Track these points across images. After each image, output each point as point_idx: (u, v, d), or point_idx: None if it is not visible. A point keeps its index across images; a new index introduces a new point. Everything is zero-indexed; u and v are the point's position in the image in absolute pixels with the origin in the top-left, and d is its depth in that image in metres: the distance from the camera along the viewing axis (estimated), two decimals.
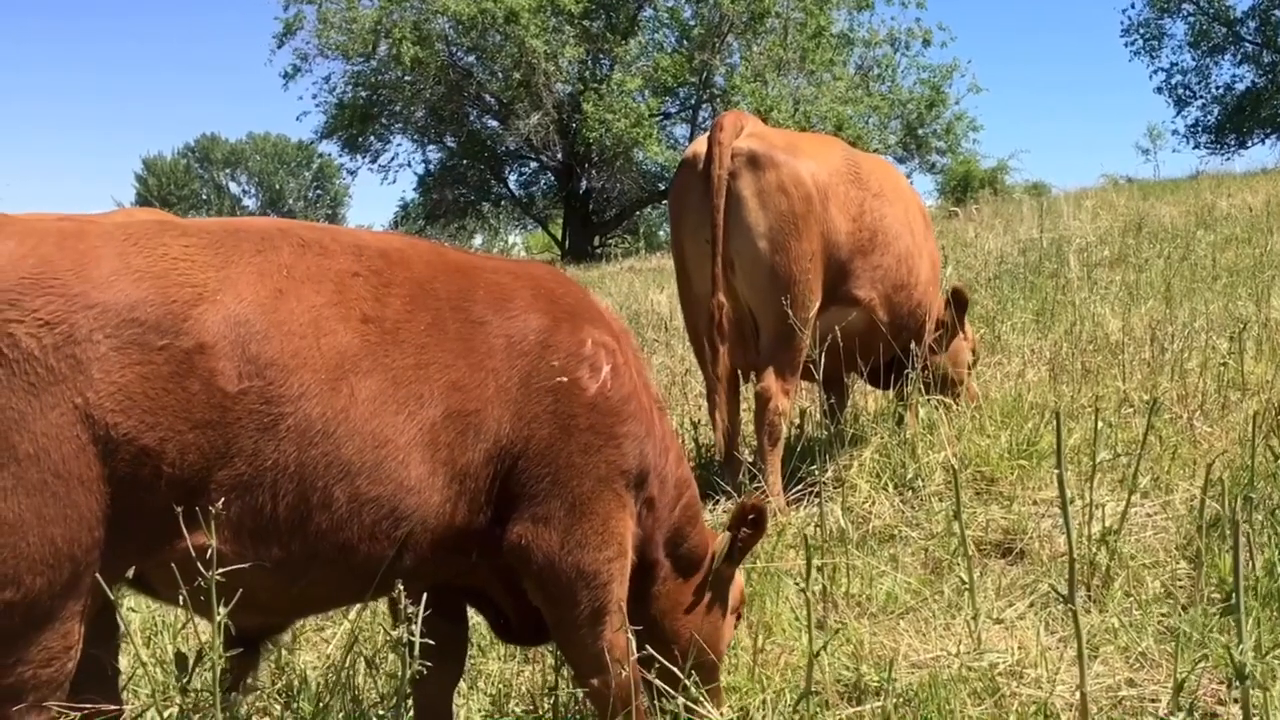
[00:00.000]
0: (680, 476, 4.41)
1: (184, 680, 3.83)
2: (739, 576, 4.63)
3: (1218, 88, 62.38)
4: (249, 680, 4.06)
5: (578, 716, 4.68)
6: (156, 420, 3.14)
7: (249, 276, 3.33)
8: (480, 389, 3.67)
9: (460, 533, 3.72)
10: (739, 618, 4.76)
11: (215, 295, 3.25)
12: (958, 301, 8.62)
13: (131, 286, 3.16)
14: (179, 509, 3.16)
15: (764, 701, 4.47)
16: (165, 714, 4.06)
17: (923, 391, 8.27)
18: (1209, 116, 62.46)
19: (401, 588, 3.45)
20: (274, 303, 3.33)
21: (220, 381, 3.21)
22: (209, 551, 3.21)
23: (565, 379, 3.81)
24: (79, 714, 3.23)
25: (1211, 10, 60.58)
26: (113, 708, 3.39)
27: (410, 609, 3.44)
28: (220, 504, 3.22)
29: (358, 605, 4.81)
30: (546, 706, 4.78)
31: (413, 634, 3.47)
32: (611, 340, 4.03)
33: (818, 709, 4.35)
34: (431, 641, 3.54)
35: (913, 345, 7.99)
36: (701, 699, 4.21)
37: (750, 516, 4.39)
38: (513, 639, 4.50)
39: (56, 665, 3.16)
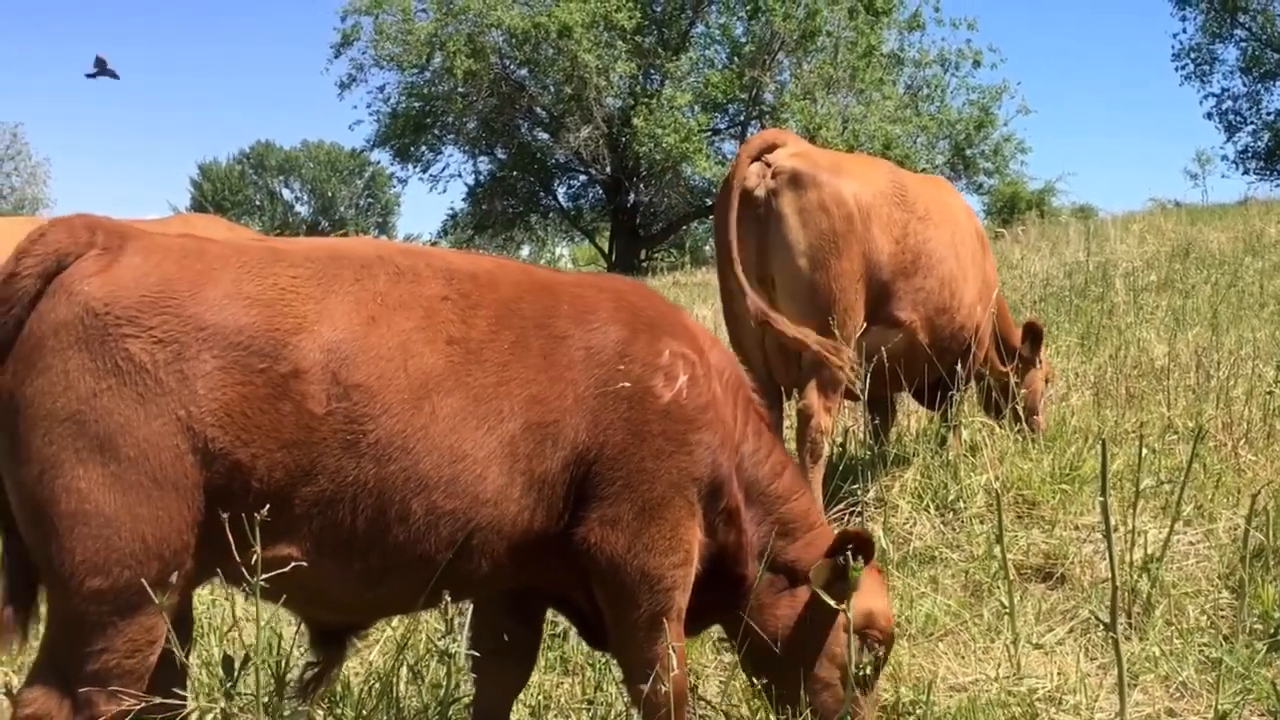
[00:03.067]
0: (778, 490, 4.42)
1: (229, 684, 3.90)
2: (874, 601, 4.46)
3: (1269, 114, 61.72)
4: (334, 673, 4.17)
5: None
6: (250, 437, 3.34)
7: (346, 306, 3.53)
8: (559, 400, 3.80)
9: (538, 539, 3.83)
10: (883, 644, 4.50)
11: (314, 325, 3.45)
12: (1033, 334, 8.66)
13: (241, 312, 3.38)
14: (263, 520, 3.30)
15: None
16: (209, 717, 4.12)
17: (1011, 420, 8.33)
18: (1259, 142, 61.80)
19: (449, 597, 3.54)
20: (365, 329, 3.52)
21: (310, 404, 3.40)
22: (288, 560, 3.44)
23: (631, 384, 3.90)
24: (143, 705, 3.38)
25: (1264, 36, 60.01)
26: (176, 703, 3.51)
27: (458, 619, 3.52)
28: (298, 517, 3.44)
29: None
30: (586, 719, 4.82)
31: (457, 644, 3.54)
32: (692, 352, 4.10)
33: None
34: (477, 653, 3.62)
35: (958, 367, 7.97)
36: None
37: (849, 546, 4.26)
38: (598, 644, 4.54)
39: (139, 657, 3.35)
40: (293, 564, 3.45)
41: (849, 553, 4.29)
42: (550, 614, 4.71)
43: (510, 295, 3.89)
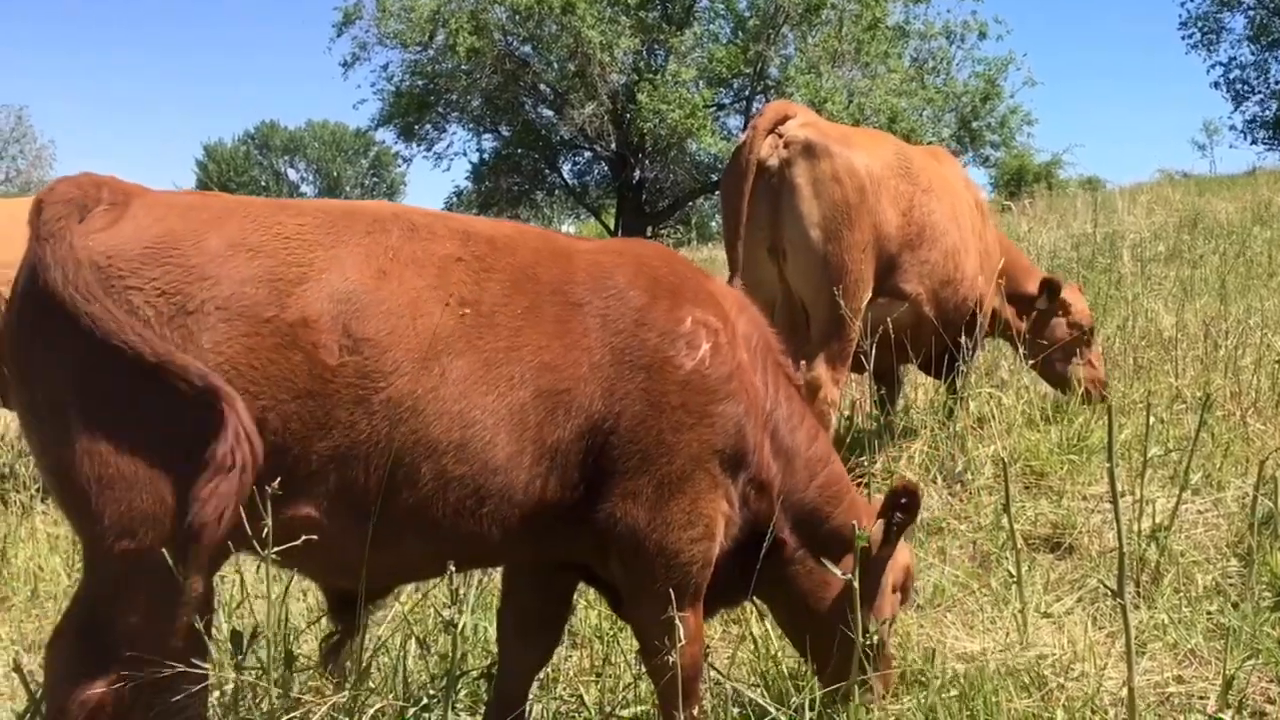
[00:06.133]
0: (812, 455, 4.38)
1: (239, 658, 3.91)
2: (904, 554, 4.58)
3: (1277, 82, 61.46)
4: (352, 643, 4.17)
5: (624, 702, 4.72)
6: (260, 390, 3.31)
7: (356, 257, 3.50)
8: (573, 368, 3.75)
9: (552, 509, 3.79)
10: (905, 595, 4.70)
11: (321, 274, 3.41)
12: (1049, 289, 8.80)
13: (245, 262, 3.34)
14: (280, 484, 3.31)
15: (811, 690, 4.47)
16: (219, 691, 4.13)
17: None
18: (1267, 112, 61.49)
19: (452, 567, 3.53)
20: (376, 283, 3.49)
21: (321, 354, 3.36)
22: (307, 520, 3.44)
23: (649, 353, 3.85)
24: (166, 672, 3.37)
25: (1272, 4, 59.63)
26: (199, 670, 3.48)
27: (462, 590, 3.51)
28: (315, 473, 3.42)
29: (410, 585, 4.87)
30: (594, 691, 4.82)
31: (461, 615, 3.53)
32: (716, 319, 4.03)
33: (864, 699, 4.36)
34: (484, 625, 3.60)
35: (963, 338, 7.97)
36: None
37: (902, 500, 4.33)
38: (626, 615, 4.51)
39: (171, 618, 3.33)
40: (311, 526, 3.43)
41: (903, 505, 4.34)
42: None
43: (528, 260, 3.84)
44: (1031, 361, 8.76)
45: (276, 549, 3.38)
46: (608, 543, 3.91)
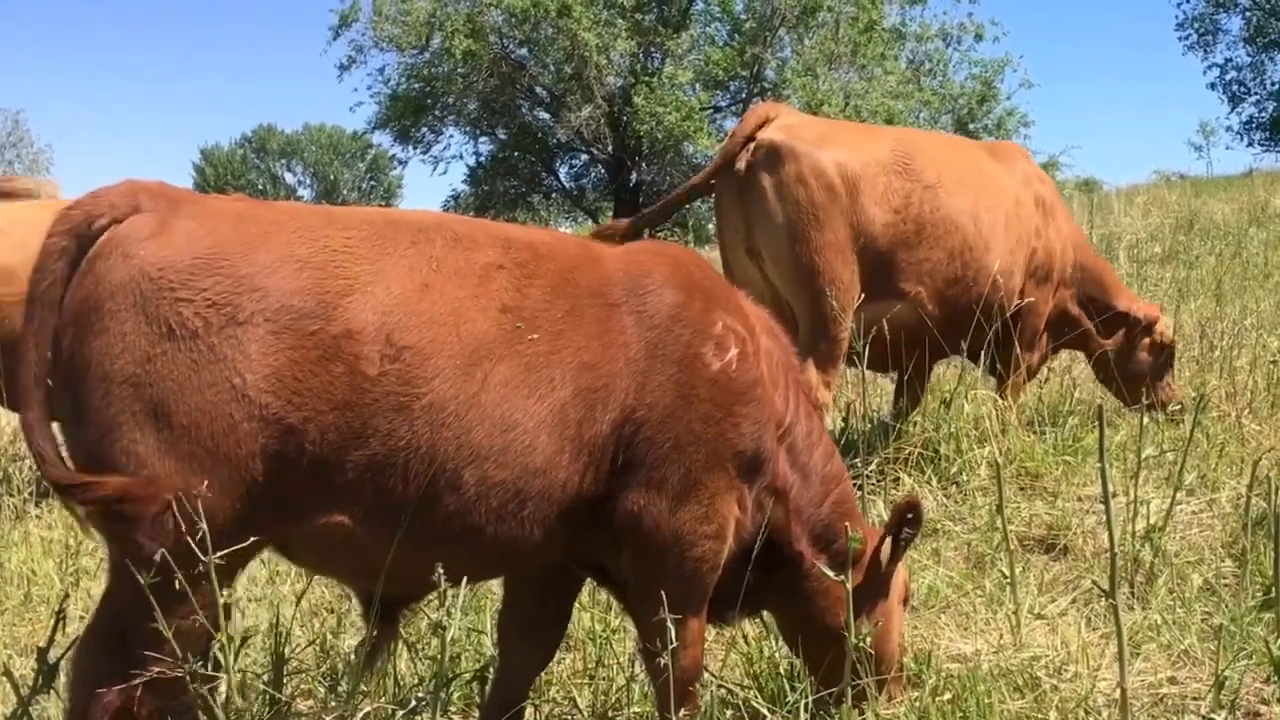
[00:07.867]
0: (828, 473, 4.46)
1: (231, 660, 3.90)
2: (902, 570, 4.64)
3: (1273, 84, 61.54)
4: (389, 646, 4.17)
5: (617, 705, 4.72)
6: (302, 401, 3.35)
7: (400, 269, 3.55)
8: (610, 364, 3.81)
9: (589, 505, 3.84)
10: (905, 607, 4.78)
11: (367, 287, 3.47)
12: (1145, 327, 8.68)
13: (293, 275, 3.40)
14: (319, 485, 3.40)
15: (803, 692, 4.47)
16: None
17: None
18: (1263, 113, 61.60)
19: (441, 571, 3.52)
20: (419, 294, 3.54)
21: (363, 365, 3.41)
22: (341, 527, 3.49)
23: (682, 348, 3.92)
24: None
25: (1268, 6, 59.69)
26: (216, 675, 3.52)
27: (452, 593, 3.50)
28: (351, 482, 3.44)
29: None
30: (587, 694, 4.82)
31: (450, 617, 3.53)
32: (743, 329, 4.11)
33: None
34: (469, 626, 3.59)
35: (990, 339, 7.74)
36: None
37: (908, 515, 4.42)
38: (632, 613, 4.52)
39: (197, 621, 3.36)
40: (345, 533, 3.49)
41: (909, 520, 4.43)
42: None
43: (567, 266, 3.91)
44: (1127, 386, 8.56)
45: (304, 554, 3.49)
46: (624, 536, 3.94)
